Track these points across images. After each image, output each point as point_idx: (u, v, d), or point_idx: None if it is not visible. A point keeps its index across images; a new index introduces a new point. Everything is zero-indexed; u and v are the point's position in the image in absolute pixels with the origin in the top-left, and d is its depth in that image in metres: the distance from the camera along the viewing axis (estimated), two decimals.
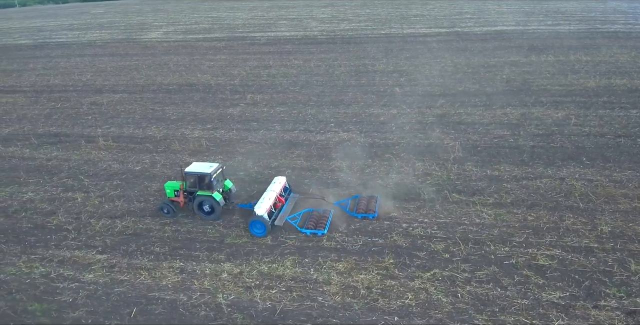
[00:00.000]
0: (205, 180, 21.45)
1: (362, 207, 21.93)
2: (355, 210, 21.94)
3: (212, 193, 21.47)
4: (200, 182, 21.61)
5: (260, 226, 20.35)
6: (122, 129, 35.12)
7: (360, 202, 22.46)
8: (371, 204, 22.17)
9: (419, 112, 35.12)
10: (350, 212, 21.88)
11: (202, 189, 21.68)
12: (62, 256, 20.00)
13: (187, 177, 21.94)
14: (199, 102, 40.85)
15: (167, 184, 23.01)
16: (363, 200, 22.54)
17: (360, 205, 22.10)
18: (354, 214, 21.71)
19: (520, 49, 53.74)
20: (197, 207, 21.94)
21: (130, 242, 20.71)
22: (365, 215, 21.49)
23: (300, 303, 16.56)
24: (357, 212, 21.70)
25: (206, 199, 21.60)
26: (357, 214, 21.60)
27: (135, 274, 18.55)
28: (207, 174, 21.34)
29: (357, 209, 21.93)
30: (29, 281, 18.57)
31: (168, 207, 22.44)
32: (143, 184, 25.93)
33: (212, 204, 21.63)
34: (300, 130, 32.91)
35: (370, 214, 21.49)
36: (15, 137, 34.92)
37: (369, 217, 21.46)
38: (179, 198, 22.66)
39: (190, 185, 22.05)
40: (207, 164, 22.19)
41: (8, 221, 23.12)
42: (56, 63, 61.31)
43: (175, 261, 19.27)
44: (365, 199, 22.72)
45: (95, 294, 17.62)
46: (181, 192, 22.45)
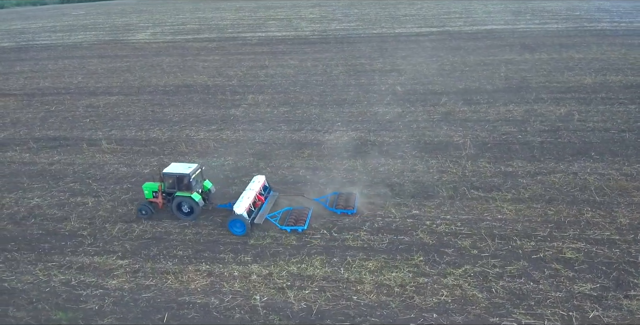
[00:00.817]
0: (184, 181, 21.43)
1: (342, 203, 22.26)
2: (335, 206, 22.22)
3: (191, 194, 21.43)
4: (179, 183, 21.60)
5: (240, 225, 20.44)
6: (123, 131, 34.42)
7: (340, 198, 22.81)
8: (350, 200, 22.53)
9: (424, 110, 35.22)
10: (329, 207, 22.17)
11: (180, 190, 21.63)
12: (80, 262, 19.43)
13: (166, 178, 21.95)
14: (199, 103, 40.31)
15: (145, 185, 22.96)
16: (342, 197, 22.91)
17: (340, 202, 22.44)
18: (333, 209, 22.02)
19: (513, 48, 54.43)
20: (176, 208, 21.91)
21: (151, 246, 20.24)
22: (344, 211, 21.81)
23: (336, 303, 16.37)
24: (337, 208, 22.01)
25: (185, 200, 21.59)
26: (337, 210, 21.91)
27: (161, 279, 18.12)
28: (186, 174, 21.33)
29: (336, 205, 22.23)
30: (48, 289, 17.97)
31: (146, 208, 22.39)
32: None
33: (191, 204, 21.63)
34: (307, 130, 32.69)
35: (349, 209, 21.82)
36: (11, 141, 33.93)
37: (347, 213, 21.78)
38: (157, 199, 22.64)
39: (168, 186, 22.05)
40: (185, 165, 22.19)
41: (17, 228, 22.39)
42: (44, 65, 59.93)
43: (201, 264, 18.89)
44: (345, 195, 23.09)
45: (122, 300, 17.14)
46: (159, 193, 22.40)
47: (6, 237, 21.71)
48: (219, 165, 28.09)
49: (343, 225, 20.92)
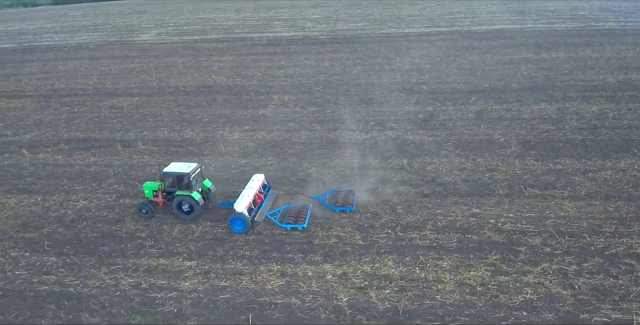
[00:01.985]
0: (184, 180, 21.58)
1: (340, 201, 22.38)
2: (334, 203, 22.35)
3: (191, 193, 21.53)
4: (179, 182, 21.74)
5: (241, 223, 20.62)
6: (155, 132, 33.97)
7: (338, 195, 22.92)
8: (349, 197, 22.61)
9: (455, 109, 35.25)
10: (328, 205, 22.33)
11: (181, 189, 21.75)
12: (147, 265, 19.08)
13: (166, 178, 22.08)
14: (225, 103, 39.95)
15: (146, 185, 23.06)
16: (341, 194, 23.01)
17: (338, 199, 22.56)
18: (332, 207, 22.16)
19: (527, 47, 54.69)
20: (176, 207, 22.02)
21: (216, 247, 19.93)
22: (343, 208, 21.97)
23: (420, 302, 16.23)
24: (335, 206, 22.15)
25: (185, 199, 21.69)
26: (335, 208, 22.04)
27: (235, 280, 17.83)
28: (186, 173, 21.49)
29: (335, 203, 22.37)
30: (119, 293, 17.59)
31: (147, 208, 22.44)
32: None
33: (191, 203, 21.74)
34: (342, 130, 32.52)
35: (347, 207, 21.97)
36: (39, 143, 33.32)
37: (346, 210, 21.90)
38: (157, 198, 22.71)
39: (169, 185, 22.16)
40: (185, 164, 22.36)
41: (70, 231, 21.93)
42: (53, 66, 59.07)
43: (271, 264, 18.63)
44: (343, 192, 23.19)
45: (200, 302, 16.84)
46: (160, 192, 22.45)
47: (59, 240, 21.27)
48: (262, 165, 27.83)
49: (406, 225, 20.79)
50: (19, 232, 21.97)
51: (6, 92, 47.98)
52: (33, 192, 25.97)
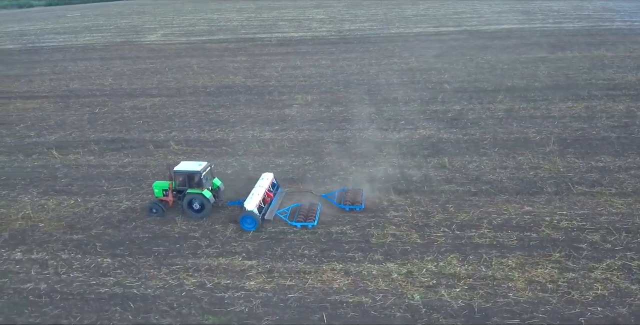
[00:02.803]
0: (195, 178, 21.74)
1: (349, 199, 22.55)
2: (343, 202, 22.50)
3: (202, 191, 21.68)
4: (190, 181, 21.88)
5: (251, 221, 20.81)
6: (184, 132, 33.72)
7: (347, 194, 23.13)
8: (358, 196, 22.79)
9: (483, 107, 35.36)
10: (337, 204, 22.47)
11: (191, 187, 21.88)
12: (207, 264, 18.88)
13: (176, 176, 22.19)
14: (248, 103, 39.76)
15: (156, 184, 23.09)
16: (350, 193, 23.22)
17: (347, 198, 22.72)
18: (341, 205, 22.30)
19: (541, 46, 55.00)
20: (187, 205, 22.12)
21: (274, 246, 19.78)
22: (352, 207, 22.12)
23: (494, 301, 16.20)
24: (344, 204, 22.29)
25: (196, 197, 21.84)
26: (345, 206, 22.19)
27: (300, 279, 17.70)
28: (197, 172, 21.66)
29: (344, 201, 22.53)
30: (184, 293, 17.39)
31: (157, 207, 22.53)
32: (246, 187, 24.84)
33: (202, 201, 21.91)
34: (374, 129, 32.46)
35: (357, 205, 22.12)
36: (67, 143, 32.95)
37: (355, 209, 22.06)
38: (167, 197, 22.78)
39: (179, 183, 22.28)
40: (195, 163, 22.55)
41: (120, 232, 21.66)
42: (63, 67, 58.57)
43: (333, 263, 18.52)
44: (352, 191, 23.38)
45: (270, 301, 16.69)
46: (170, 191, 22.57)
47: (111, 241, 21.01)
48: (301, 165, 27.72)
49: (462, 223, 20.77)
50: (66, 234, 21.68)
51: (20, 93, 47.50)
52: (71, 193, 25.65)
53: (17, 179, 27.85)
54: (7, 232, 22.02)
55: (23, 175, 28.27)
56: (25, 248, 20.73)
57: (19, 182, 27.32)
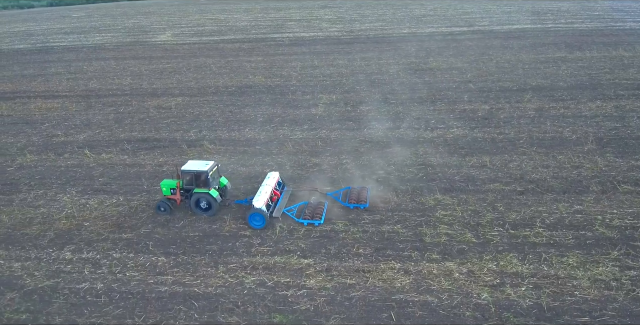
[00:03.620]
0: (201, 177, 21.96)
1: (354, 198, 22.82)
2: (348, 200, 22.77)
3: (209, 190, 21.90)
4: (197, 180, 22.11)
5: (260, 218, 21.09)
6: (214, 132, 33.57)
7: (352, 192, 23.43)
8: (362, 194, 23.06)
9: (513, 106, 35.34)
10: (342, 202, 22.77)
11: (198, 187, 22.12)
12: (264, 263, 18.79)
13: (184, 175, 22.36)
14: (273, 103, 39.61)
15: (163, 183, 23.35)
16: (354, 191, 23.51)
17: (352, 196, 23.02)
18: (346, 203, 22.60)
19: (557, 46, 55.03)
20: (194, 204, 22.40)
21: (327, 245, 19.71)
22: (357, 205, 22.38)
23: (562, 299, 16.16)
24: (349, 203, 22.56)
25: (203, 196, 22.09)
26: (350, 204, 22.47)
27: (360, 277, 17.63)
28: (204, 171, 21.85)
29: (349, 199, 22.81)
30: (246, 292, 17.30)
31: (165, 205, 22.80)
32: (289, 186, 24.75)
33: (209, 200, 22.17)
34: (405, 128, 32.42)
35: (361, 204, 22.37)
36: (97, 143, 32.78)
37: (360, 207, 22.33)
38: (175, 196, 23.01)
39: (186, 183, 22.46)
40: (202, 162, 22.70)
41: (169, 231, 21.52)
42: (78, 67, 58.25)
43: (390, 262, 18.45)
44: (357, 189, 23.68)
45: (334, 300, 16.60)
46: (178, 190, 22.76)
47: (161, 240, 20.88)
48: (338, 164, 27.63)
49: (514, 222, 20.74)
50: (114, 233, 21.56)
51: (39, 93, 47.23)
52: (111, 192, 25.51)
53: (52, 178, 27.70)
54: (52, 232, 21.89)
55: (57, 174, 28.10)
56: (73, 247, 20.61)
57: (55, 182, 27.17)
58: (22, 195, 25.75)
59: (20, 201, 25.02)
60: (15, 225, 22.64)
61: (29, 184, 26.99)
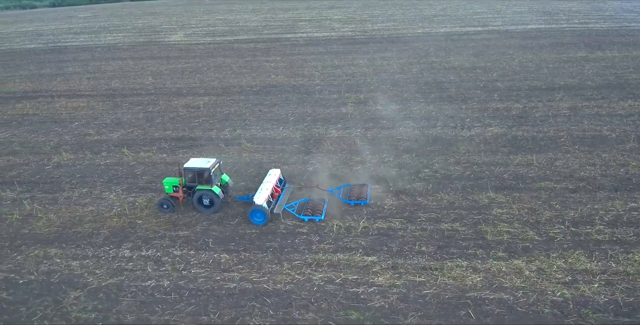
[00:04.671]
0: (204, 175, 22.21)
1: (355, 195, 23.12)
2: (348, 197, 23.11)
3: (211, 187, 22.18)
4: (199, 177, 22.36)
5: (261, 215, 21.37)
6: (248, 131, 33.46)
7: (353, 189, 23.71)
8: (363, 191, 23.30)
9: (545, 105, 35.35)
10: (343, 199, 23.10)
11: (201, 184, 22.38)
12: (328, 260, 18.71)
13: (186, 173, 22.62)
14: (301, 102, 39.53)
15: (166, 180, 23.55)
16: (355, 188, 23.79)
17: (353, 193, 23.30)
18: (347, 200, 22.91)
19: (577, 46, 55.12)
20: (197, 201, 22.63)
21: (388, 243, 19.63)
22: (358, 202, 22.73)
23: (636, 295, 16.13)
24: (350, 199, 22.89)
25: (206, 193, 22.35)
26: (350, 201, 22.80)
27: (429, 275, 17.56)
28: (206, 169, 22.14)
29: (349, 196, 23.12)
30: (316, 289, 17.21)
31: (167, 203, 23.00)
32: (336, 184, 24.66)
33: (211, 197, 22.42)
34: (441, 127, 32.37)
35: (362, 200, 22.72)
36: (132, 141, 32.62)
37: (361, 203, 22.66)
38: (178, 193, 23.24)
39: (189, 180, 22.70)
40: (205, 160, 23.03)
41: (226, 228, 21.37)
42: (96, 67, 58.05)
43: (455, 260, 18.38)
44: (357, 186, 23.97)
45: (407, 297, 16.53)
46: (180, 187, 22.99)
47: (219, 237, 20.79)
48: (380, 162, 27.56)
49: (573, 220, 20.72)
50: (169, 230, 21.44)
51: (61, 92, 47.04)
52: (158, 190, 25.15)
53: (93, 176, 27.56)
54: (105, 230, 21.76)
55: (98, 172, 27.96)
56: (131, 245, 20.49)
57: (97, 180, 27.03)
58: (65, 193, 25.60)
59: (65, 200, 24.87)
60: (66, 223, 22.50)
61: (70, 183, 26.84)
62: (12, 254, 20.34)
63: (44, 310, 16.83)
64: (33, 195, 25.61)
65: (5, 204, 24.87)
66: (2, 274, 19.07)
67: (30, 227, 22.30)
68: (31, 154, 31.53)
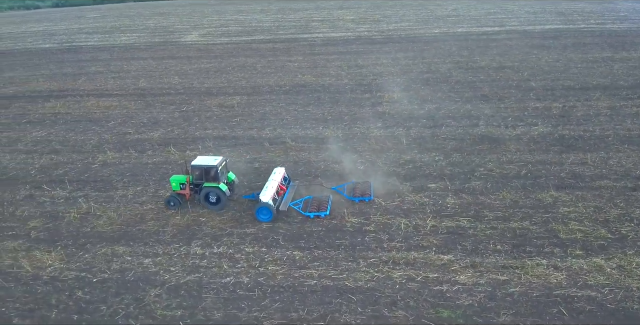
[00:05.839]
0: (211, 172, 22.49)
1: (359, 192, 23.47)
2: (353, 194, 23.45)
3: (218, 184, 22.43)
4: (206, 175, 22.64)
5: (267, 212, 21.66)
6: (289, 130, 33.36)
7: (356, 186, 24.14)
8: (366, 188, 23.78)
9: (584, 105, 35.40)
10: (347, 196, 23.41)
11: (208, 181, 22.62)
12: (404, 258, 18.63)
13: (194, 170, 22.93)
14: (335, 102, 39.44)
15: (173, 178, 23.81)
16: (359, 185, 24.20)
17: (357, 190, 23.67)
18: (351, 197, 23.25)
19: (599, 46, 55.24)
20: (204, 198, 22.89)
21: (460, 242, 19.57)
22: (362, 198, 23.08)
23: None
24: (354, 196, 23.24)
25: (213, 190, 22.63)
26: (355, 198, 23.10)
27: (511, 274, 17.48)
28: (214, 166, 22.43)
29: (354, 193, 23.50)
30: (398, 286, 17.14)
31: (175, 200, 23.28)
32: (391, 183, 24.62)
33: (218, 194, 22.72)
34: (484, 126, 32.33)
35: (366, 197, 23.09)
36: (175, 140, 32.43)
37: (365, 200, 22.98)
38: (184, 191, 23.49)
39: (196, 177, 23.00)
40: (211, 157, 23.39)
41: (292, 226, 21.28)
42: (118, 66, 57.85)
43: (534, 258, 18.30)
44: (360, 183, 24.36)
45: (494, 295, 16.47)
46: (187, 184, 23.26)
47: (287, 235, 20.72)
48: (431, 161, 27.48)
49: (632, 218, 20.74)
50: (236, 228, 21.37)
51: (88, 91, 46.87)
52: None
53: (144, 174, 27.45)
54: (170, 227, 21.68)
55: (148, 171, 27.86)
56: (200, 242, 20.41)
57: (149, 178, 26.91)
58: (119, 192, 25.49)
59: (120, 198, 24.75)
60: (128, 221, 22.40)
61: (122, 181, 26.73)
62: (78, 253, 20.22)
63: (125, 309, 16.71)
64: (86, 193, 25.48)
65: (59, 202, 24.76)
66: (72, 272, 18.95)
67: (91, 226, 22.18)
68: (73, 152, 31.40)
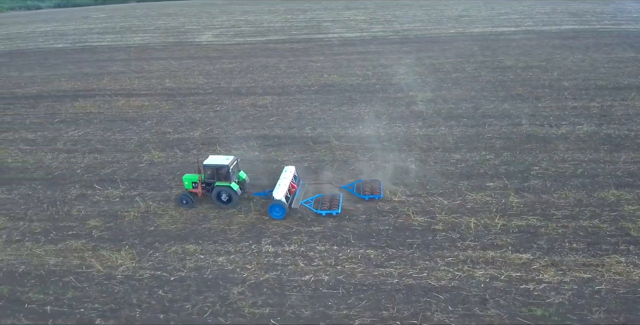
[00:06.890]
0: (223, 171, 22.89)
1: (368, 190, 23.83)
2: (362, 192, 23.73)
3: (230, 183, 22.77)
4: (218, 174, 23.07)
5: (279, 209, 22.04)
6: (328, 129, 33.27)
7: (365, 185, 24.41)
8: (375, 186, 24.02)
9: (622, 104, 35.48)
10: (357, 194, 23.77)
11: (220, 180, 23.03)
12: (482, 257, 18.65)
13: (206, 169, 23.38)
14: (368, 101, 39.34)
15: (185, 177, 24.32)
16: (367, 183, 24.46)
17: (366, 188, 23.99)
18: (361, 195, 23.59)
19: (621, 47, 55.36)
20: (216, 197, 23.32)
21: (534, 240, 19.59)
22: (372, 196, 23.46)
23: None
24: (364, 194, 23.55)
25: (224, 189, 23.07)
26: (365, 196, 23.46)
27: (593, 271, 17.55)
28: (225, 165, 22.92)
29: (363, 191, 23.79)
30: (483, 285, 17.14)
31: (187, 198, 23.73)
32: (448, 182, 24.61)
33: (229, 193, 23.15)
34: (528, 125, 32.32)
35: (376, 194, 23.44)
36: (216, 140, 32.36)
37: (375, 198, 23.40)
38: (197, 189, 23.93)
39: (208, 176, 23.44)
40: (223, 157, 23.82)
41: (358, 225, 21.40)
42: (138, 66, 57.64)
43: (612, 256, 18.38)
44: (369, 182, 24.60)
45: (582, 293, 16.48)
46: (199, 183, 23.58)
47: (357, 233, 20.80)
48: (483, 160, 27.49)
49: None
50: (302, 226, 21.38)
51: (115, 91, 46.69)
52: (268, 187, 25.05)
53: None
54: (236, 226, 21.65)
55: None
56: (270, 240, 20.36)
57: None
58: (174, 191, 25.37)
59: (177, 197, 24.60)
60: (192, 220, 22.31)
61: (174, 180, 26.61)
62: (148, 251, 20.11)
63: (212, 307, 16.63)
64: (141, 192, 25.38)
65: (115, 202, 24.64)
66: (147, 271, 18.85)
67: (154, 224, 22.09)
68: (116, 151, 31.26)
